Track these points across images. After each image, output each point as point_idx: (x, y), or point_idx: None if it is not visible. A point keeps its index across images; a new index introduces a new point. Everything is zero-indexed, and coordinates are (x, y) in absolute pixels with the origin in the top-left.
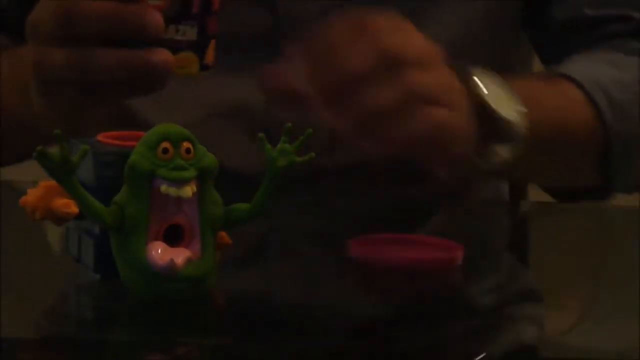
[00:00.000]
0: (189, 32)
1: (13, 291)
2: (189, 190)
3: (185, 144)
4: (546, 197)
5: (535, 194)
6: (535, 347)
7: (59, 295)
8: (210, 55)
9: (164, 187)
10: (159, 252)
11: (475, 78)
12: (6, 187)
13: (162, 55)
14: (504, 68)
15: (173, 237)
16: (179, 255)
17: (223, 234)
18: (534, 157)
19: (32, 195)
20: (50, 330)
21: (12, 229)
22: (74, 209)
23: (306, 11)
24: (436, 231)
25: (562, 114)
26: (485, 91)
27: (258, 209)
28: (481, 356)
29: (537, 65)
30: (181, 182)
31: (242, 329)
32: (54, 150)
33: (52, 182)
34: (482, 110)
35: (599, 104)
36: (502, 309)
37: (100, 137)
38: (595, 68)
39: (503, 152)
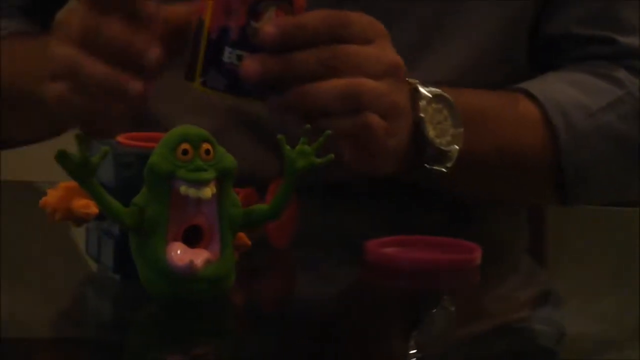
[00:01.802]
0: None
1: (32, 291)
2: (208, 192)
3: (205, 145)
4: None
5: None
6: (553, 350)
7: (78, 296)
8: None
9: (183, 188)
10: (179, 253)
11: (421, 93)
12: (26, 188)
13: (136, 85)
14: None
15: (192, 238)
16: (198, 256)
17: (242, 235)
18: (469, 175)
19: (52, 197)
20: (69, 331)
21: (33, 229)
22: (93, 209)
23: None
24: (454, 232)
25: (511, 132)
26: (423, 112)
27: (277, 210)
28: None
29: None
30: (201, 183)
31: (260, 330)
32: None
33: (72, 183)
34: (417, 128)
35: (556, 127)
36: (520, 311)
37: (120, 138)
38: (562, 90)
39: (435, 167)
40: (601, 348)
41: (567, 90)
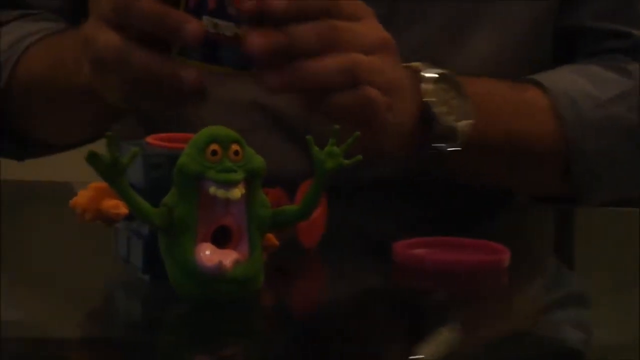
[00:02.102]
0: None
1: (61, 291)
2: (237, 192)
3: (234, 146)
4: None
5: None
6: (581, 352)
7: (107, 296)
8: None
9: (212, 189)
10: (207, 254)
11: (424, 76)
12: (58, 188)
13: (190, 73)
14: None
15: (221, 238)
16: (227, 257)
17: (270, 235)
18: (476, 160)
19: (82, 197)
20: (98, 332)
21: (64, 229)
22: (123, 210)
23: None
24: (482, 234)
25: (519, 120)
26: (429, 93)
27: (306, 211)
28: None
29: None
30: (229, 184)
31: (288, 331)
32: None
33: (102, 184)
34: (425, 108)
35: (564, 116)
36: (547, 313)
37: (149, 139)
38: (571, 80)
39: (442, 149)
40: (629, 350)
41: (576, 81)
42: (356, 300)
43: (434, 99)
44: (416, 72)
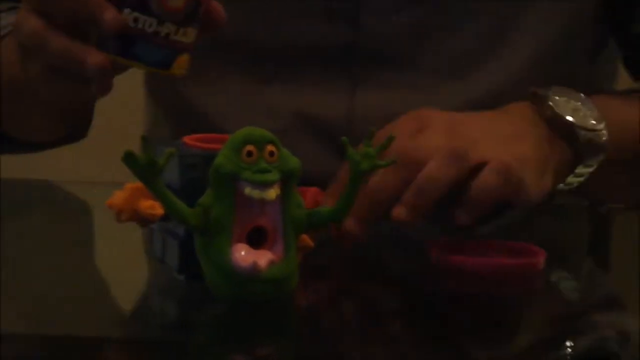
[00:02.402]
0: (190, 34)
1: (96, 291)
2: (272, 193)
3: (269, 147)
4: None
5: None
6: (617, 354)
7: (143, 297)
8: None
9: (248, 190)
10: (243, 254)
11: (553, 97)
12: (93, 188)
13: (96, 57)
14: (585, 84)
15: (256, 239)
16: (262, 258)
17: (305, 236)
18: (612, 176)
19: (118, 198)
20: (133, 332)
21: (100, 230)
22: (159, 210)
23: (388, 28)
24: (517, 236)
25: None
26: (562, 109)
27: (341, 212)
28: None
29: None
30: (265, 185)
31: (322, 331)
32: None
33: (138, 184)
34: (561, 127)
35: None
36: (582, 315)
37: (185, 139)
38: None
39: (582, 170)
40: None
41: None
42: (392, 302)
43: (562, 112)
44: (543, 97)
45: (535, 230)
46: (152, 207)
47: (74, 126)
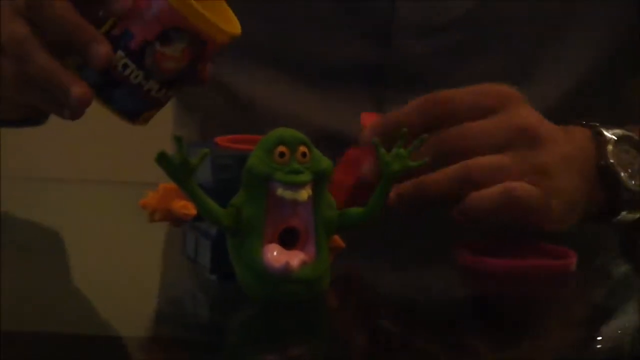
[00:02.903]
0: (169, 95)
1: (129, 291)
2: (304, 194)
3: (302, 148)
4: None
5: None
6: None
7: (175, 296)
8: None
9: (280, 191)
10: (275, 255)
11: (605, 136)
12: (127, 188)
13: (80, 89)
14: (624, 113)
15: (288, 239)
16: (294, 258)
17: (337, 237)
18: None
19: (151, 198)
20: (166, 331)
21: (132, 230)
22: (192, 210)
23: (419, 49)
24: (548, 237)
25: None
26: (613, 156)
27: (372, 213)
28: None
29: None
30: (297, 186)
31: (354, 332)
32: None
33: (171, 185)
34: (605, 173)
35: None
36: (615, 319)
37: (218, 140)
38: None
39: (626, 217)
40: None
41: None
42: (421, 303)
43: (615, 162)
44: (597, 133)
45: (567, 231)
46: (185, 207)
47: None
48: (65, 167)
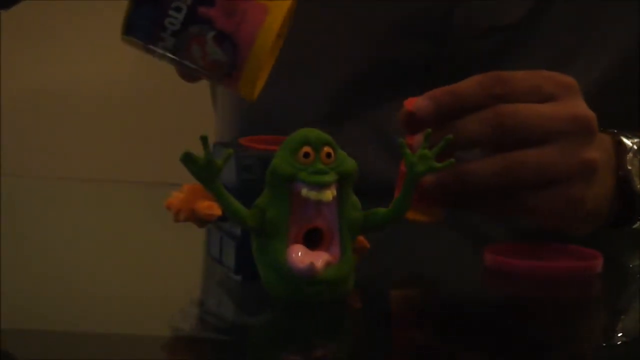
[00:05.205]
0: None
1: (154, 291)
2: (329, 194)
3: (326, 149)
4: None
5: None
6: None
7: (200, 296)
8: None
9: (304, 191)
10: (299, 255)
11: (625, 145)
12: (152, 188)
13: (210, 211)
14: None
15: (313, 240)
16: (319, 259)
17: (361, 238)
18: None
19: (176, 198)
20: (190, 332)
21: (157, 229)
22: (216, 211)
23: (471, 48)
24: (574, 238)
25: None
26: (630, 165)
27: (397, 214)
28: None
29: None
30: (321, 186)
31: (378, 333)
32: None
33: (196, 185)
34: (622, 182)
35: None
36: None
37: (242, 140)
38: None
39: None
40: None
41: None
42: (446, 304)
43: (633, 171)
44: (617, 142)
45: (593, 233)
46: (210, 207)
47: None
48: (67, 167)
